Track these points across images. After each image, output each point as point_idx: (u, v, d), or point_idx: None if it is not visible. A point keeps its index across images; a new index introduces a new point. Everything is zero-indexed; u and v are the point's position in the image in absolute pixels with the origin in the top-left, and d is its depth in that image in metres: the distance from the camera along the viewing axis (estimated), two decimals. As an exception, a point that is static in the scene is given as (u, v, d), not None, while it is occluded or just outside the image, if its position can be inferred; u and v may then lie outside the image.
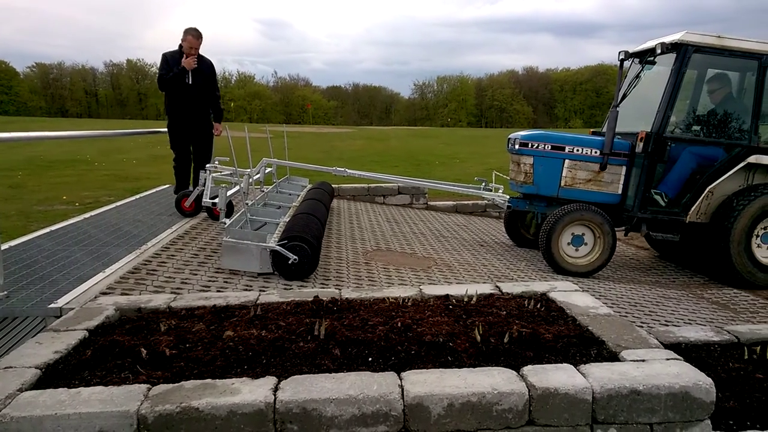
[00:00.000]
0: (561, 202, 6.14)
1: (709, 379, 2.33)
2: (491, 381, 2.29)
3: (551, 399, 2.23)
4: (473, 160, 20.11)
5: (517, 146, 6.27)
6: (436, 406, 2.19)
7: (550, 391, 2.23)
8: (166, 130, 7.20)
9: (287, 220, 5.60)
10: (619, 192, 6.13)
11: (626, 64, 6.48)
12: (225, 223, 5.06)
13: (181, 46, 6.83)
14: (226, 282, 4.56)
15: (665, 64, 5.99)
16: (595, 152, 6.08)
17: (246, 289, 4.39)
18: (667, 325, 4.28)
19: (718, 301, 5.26)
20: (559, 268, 5.82)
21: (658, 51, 5.76)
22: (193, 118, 6.94)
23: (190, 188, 7.05)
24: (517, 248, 7.00)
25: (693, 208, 5.83)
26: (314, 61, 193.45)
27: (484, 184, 7.50)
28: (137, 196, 8.42)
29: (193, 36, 6.81)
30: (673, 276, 6.30)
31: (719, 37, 5.74)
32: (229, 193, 6.33)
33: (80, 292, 3.91)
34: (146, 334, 2.88)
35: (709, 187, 5.79)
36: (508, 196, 6.94)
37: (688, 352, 3.12)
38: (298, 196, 7.56)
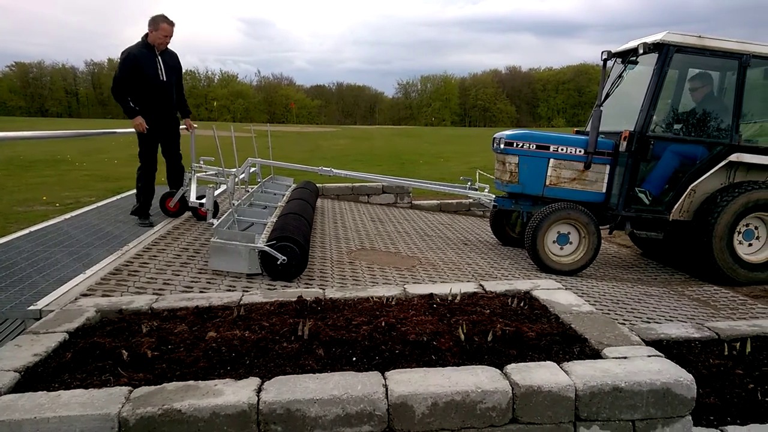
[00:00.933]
0: (546, 201, 6.19)
1: (690, 375, 2.35)
2: (475, 380, 2.29)
3: (534, 397, 2.24)
4: (457, 159, 20.17)
5: (502, 146, 6.31)
6: (420, 406, 2.19)
7: (534, 389, 2.24)
8: (126, 130, 6.60)
9: (274, 221, 5.57)
10: (604, 191, 6.19)
11: (609, 63, 6.54)
12: (213, 224, 5.02)
13: (145, 37, 6.07)
14: (209, 282, 4.52)
15: (647, 64, 6.05)
16: (580, 151, 6.13)
17: (229, 290, 4.36)
18: (649, 322, 4.33)
19: (698, 298, 5.32)
20: (543, 266, 5.86)
21: (641, 51, 5.83)
22: (167, 118, 6.33)
23: (179, 192, 6.80)
24: (501, 247, 7.03)
25: (676, 206, 5.90)
26: (297, 60, 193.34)
27: (469, 183, 7.53)
28: (119, 197, 8.34)
29: (169, 24, 6.10)
30: (655, 273, 6.37)
31: (700, 37, 5.81)
32: (216, 193, 6.28)
33: (60, 293, 3.86)
34: (127, 336, 2.84)
35: (692, 185, 5.87)
36: (493, 196, 6.97)
37: (670, 348, 3.15)
38: (284, 195, 7.52)
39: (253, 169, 7.92)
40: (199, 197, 6.36)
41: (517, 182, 6.26)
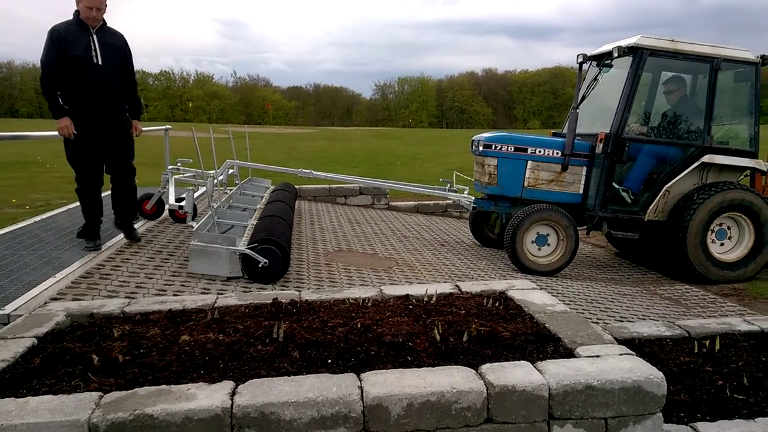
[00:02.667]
0: (525, 202, 6.26)
1: (661, 373, 2.38)
2: (450, 380, 2.30)
3: (509, 396, 2.25)
4: (434, 161, 20.25)
5: (481, 148, 6.36)
6: (396, 407, 2.19)
7: (508, 389, 2.26)
8: (50, 133, 5.18)
9: (255, 223, 5.52)
10: (581, 192, 6.28)
11: (584, 66, 6.64)
12: (193, 227, 4.95)
13: (77, 13, 4.83)
14: (183, 285, 4.47)
15: (621, 67, 6.17)
16: (557, 153, 6.21)
17: (203, 293, 4.32)
18: (622, 321, 4.40)
19: (670, 297, 5.42)
20: (522, 267, 5.91)
21: (615, 54, 5.93)
22: (104, 115, 4.94)
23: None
24: (477, 247, 7.08)
25: (651, 207, 6.02)
26: (273, 62, 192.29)
27: (449, 185, 7.57)
28: (91, 199, 8.17)
29: None
30: (628, 273, 6.47)
31: (673, 41, 5.94)
32: (196, 195, 6.17)
33: (29, 298, 3.79)
34: (98, 341, 2.79)
35: (666, 185, 5.99)
36: (473, 198, 7.01)
37: (642, 347, 3.20)
38: (262, 197, 7.47)
39: (231, 171, 7.85)
40: (178, 199, 6.25)
41: (496, 184, 6.32)
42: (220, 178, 6.86)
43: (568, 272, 6.18)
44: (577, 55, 6.45)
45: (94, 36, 4.85)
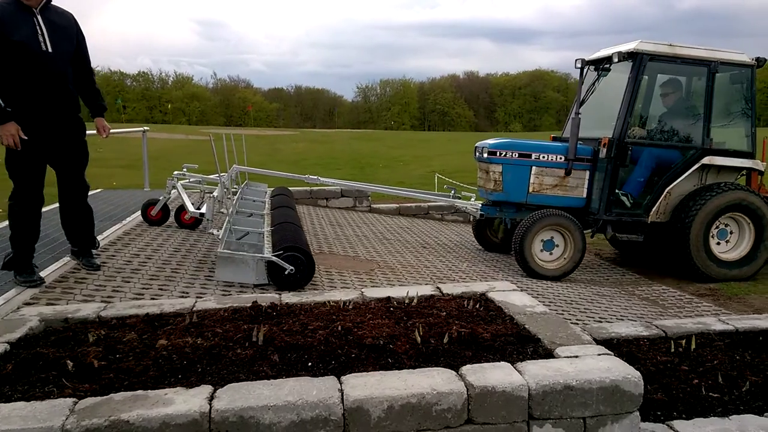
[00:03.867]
0: (530, 208, 6.30)
1: (638, 372, 2.41)
2: (431, 381, 2.30)
3: (489, 397, 2.26)
4: (417, 163, 20.31)
5: (485, 155, 6.39)
6: (376, 409, 2.18)
7: (488, 390, 2.26)
8: None
9: (270, 230, 5.48)
10: (584, 196, 6.34)
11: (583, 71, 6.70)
12: (213, 233, 4.92)
13: None
14: (161, 289, 4.42)
15: (616, 71, 6.27)
16: (560, 158, 6.26)
17: (182, 296, 4.27)
18: (601, 322, 4.44)
19: (648, 298, 5.49)
20: (531, 272, 5.94)
21: (615, 59, 6.02)
22: (58, 115, 4.07)
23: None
24: (459, 249, 7.10)
25: (654, 209, 6.11)
26: (253, 63, 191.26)
27: (453, 192, 7.59)
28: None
29: None
30: (607, 274, 6.54)
31: (671, 45, 6.06)
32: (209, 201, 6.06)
33: (1, 303, 3.71)
34: (73, 346, 2.74)
35: (668, 188, 6.08)
36: (480, 204, 7.02)
37: (620, 346, 3.24)
38: (264, 202, 7.41)
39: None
40: (197, 206, 6.17)
41: (501, 190, 6.35)
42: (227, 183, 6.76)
43: (548, 273, 6.23)
44: (576, 60, 6.48)
45: (39, 17, 3.89)
